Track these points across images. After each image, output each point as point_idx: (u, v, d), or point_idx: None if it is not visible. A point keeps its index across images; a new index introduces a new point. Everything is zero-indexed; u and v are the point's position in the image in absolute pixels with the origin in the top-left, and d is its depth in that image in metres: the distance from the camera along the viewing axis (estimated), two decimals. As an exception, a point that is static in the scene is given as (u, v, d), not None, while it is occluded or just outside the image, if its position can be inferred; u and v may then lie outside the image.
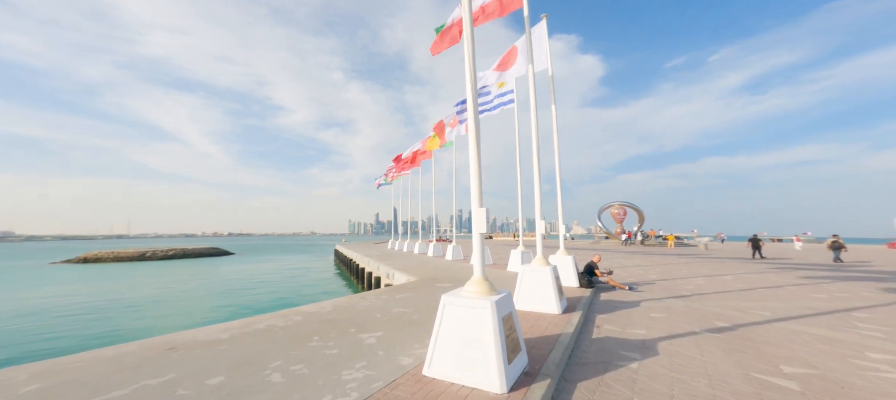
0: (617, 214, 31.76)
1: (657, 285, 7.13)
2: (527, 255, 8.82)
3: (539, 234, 5.50)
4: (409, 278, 8.10)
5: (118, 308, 12.29)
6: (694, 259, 14.47)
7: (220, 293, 15.42)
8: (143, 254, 34.80)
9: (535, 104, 5.82)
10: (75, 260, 32.22)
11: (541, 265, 4.85)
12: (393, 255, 17.23)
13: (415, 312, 4.54)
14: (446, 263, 11.62)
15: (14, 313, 11.45)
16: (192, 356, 2.86)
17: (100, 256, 33.29)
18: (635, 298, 5.74)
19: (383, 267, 11.46)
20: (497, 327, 2.42)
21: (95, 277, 21.58)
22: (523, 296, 4.72)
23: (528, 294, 4.68)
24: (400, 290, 6.26)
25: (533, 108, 5.86)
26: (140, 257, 34.11)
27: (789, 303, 5.48)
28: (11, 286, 18.03)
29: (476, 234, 2.99)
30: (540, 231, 5.52)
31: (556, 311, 4.47)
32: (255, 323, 3.95)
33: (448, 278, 7.74)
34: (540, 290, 4.60)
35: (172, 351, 2.95)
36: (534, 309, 4.58)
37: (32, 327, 9.65)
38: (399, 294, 5.81)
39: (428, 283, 7.12)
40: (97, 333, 9.02)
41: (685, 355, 3.18)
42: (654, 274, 8.99)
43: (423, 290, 6.27)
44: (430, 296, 5.67)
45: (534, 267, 4.84)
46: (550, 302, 4.51)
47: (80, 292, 15.85)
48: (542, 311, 4.54)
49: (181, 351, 2.97)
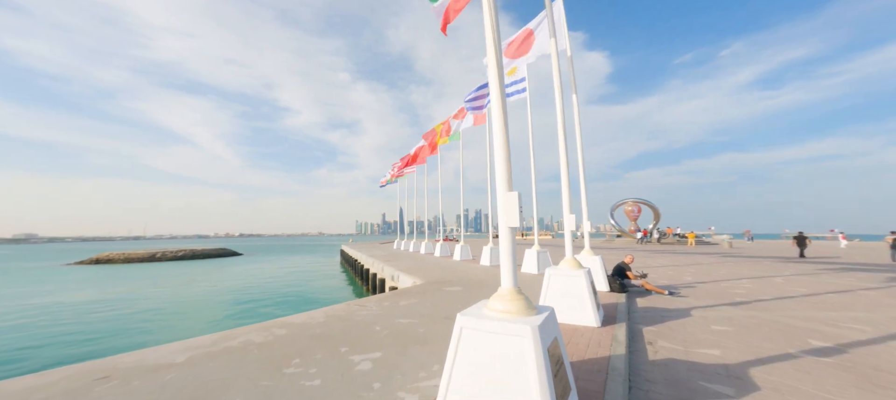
0: (631, 211, 30.43)
1: (699, 289, 6.20)
2: (543, 255, 7.98)
3: (568, 231, 4.66)
4: (416, 281, 7.36)
5: (107, 312, 11.91)
6: (724, 258, 13.32)
7: (219, 297, 14.96)
8: (154, 255, 35.08)
9: (560, 88, 4.98)
10: (88, 261, 32.63)
11: (572, 268, 4.03)
12: (399, 255, 16.54)
13: (421, 324, 3.78)
14: (454, 264, 10.84)
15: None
16: (124, 391, 2.16)
17: (111, 257, 33.67)
18: (680, 305, 4.85)
19: (388, 268, 10.75)
20: (542, 363, 1.62)
21: (101, 279, 21.56)
22: (551, 304, 3.92)
23: (559, 303, 3.85)
24: (405, 295, 5.52)
25: (558, 93, 5.01)
26: (150, 258, 34.38)
27: (884, 313, 4.50)
28: (11, 287, 18.05)
29: (505, 227, 2.15)
30: (570, 228, 4.66)
31: (593, 323, 3.64)
32: (228, 339, 3.25)
33: (457, 281, 6.97)
34: (574, 298, 3.77)
35: (103, 381, 2.26)
36: (566, 321, 3.75)
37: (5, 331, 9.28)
38: (404, 300, 5.07)
39: (436, 286, 6.35)
40: (70, 341, 8.55)
41: (801, 391, 2.31)
42: (689, 275, 8.01)
43: (431, 295, 5.52)
44: (439, 303, 4.90)
45: (565, 270, 4.01)
46: (587, 312, 3.68)
47: (78, 294, 15.65)
48: (576, 323, 3.71)
49: (114, 381, 2.27)
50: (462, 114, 12.40)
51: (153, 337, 8.80)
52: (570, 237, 4.57)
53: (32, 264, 33.15)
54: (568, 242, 4.50)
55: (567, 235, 4.63)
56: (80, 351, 7.66)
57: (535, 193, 8.33)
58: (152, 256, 34.77)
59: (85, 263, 32.19)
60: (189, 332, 9.12)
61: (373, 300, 5.06)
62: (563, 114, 4.81)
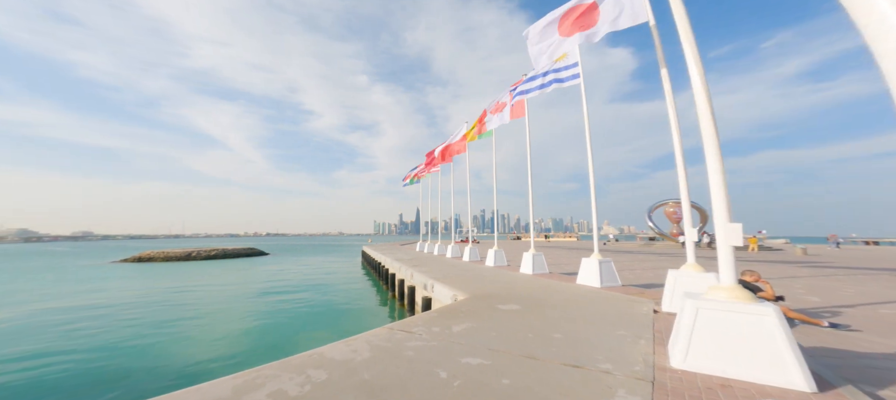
0: (672, 212, 27.90)
1: (864, 317, 4.79)
2: (606, 266, 6.79)
3: (725, 243, 2.69)
4: (456, 294, 6.44)
5: (142, 315, 11.99)
6: (821, 270, 11.34)
7: (249, 304, 14.85)
8: (189, 254, 36.82)
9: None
10: (131, 259, 34.77)
11: (738, 299, 2.47)
12: (424, 259, 15.77)
13: (499, 368, 2.85)
14: (491, 272, 9.85)
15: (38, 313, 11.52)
16: None
17: (152, 255, 35.69)
18: (873, 348, 3.53)
19: (418, 275, 9.95)
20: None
21: (142, 278, 22.57)
22: (703, 348, 2.53)
23: (720, 348, 2.45)
24: (454, 316, 4.62)
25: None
26: (186, 257, 36.09)
27: None
28: (63, 284, 19.18)
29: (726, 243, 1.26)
30: (730, 236, 2.66)
31: (802, 385, 2.20)
32: (253, 389, 2.49)
33: (506, 295, 5.98)
34: (753, 343, 2.34)
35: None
36: (737, 376, 2.38)
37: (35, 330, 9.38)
38: (456, 324, 4.17)
39: (485, 303, 5.41)
40: (97, 348, 8.42)
41: None
42: (815, 296, 6.41)
43: (486, 316, 4.58)
44: (503, 330, 3.96)
45: (726, 304, 2.49)
46: (787, 369, 2.23)
47: (120, 294, 16.20)
48: (758, 381, 2.34)
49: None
50: (499, 107, 11.40)
51: (179, 349, 8.52)
52: (728, 248, 2.61)
53: (84, 262, 35.84)
54: (724, 258, 2.62)
55: (721, 240, 2.61)
56: (103, 365, 7.45)
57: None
58: (188, 255, 36.49)
59: (129, 261, 34.30)
60: (216, 348, 8.76)
61: (419, 324, 4.21)
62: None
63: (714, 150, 2.35)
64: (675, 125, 4.24)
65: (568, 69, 8.01)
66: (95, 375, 6.61)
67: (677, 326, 2.67)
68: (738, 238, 2.46)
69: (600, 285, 6.53)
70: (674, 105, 4.31)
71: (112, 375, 6.61)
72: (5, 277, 23.46)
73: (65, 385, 6.21)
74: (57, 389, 6.06)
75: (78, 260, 38.35)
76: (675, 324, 2.71)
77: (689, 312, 2.55)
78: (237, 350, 8.05)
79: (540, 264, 9.34)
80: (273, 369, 2.80)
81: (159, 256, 35.42)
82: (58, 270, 26.97)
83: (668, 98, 4.11)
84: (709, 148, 2.49)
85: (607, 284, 6.58)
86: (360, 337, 3.69)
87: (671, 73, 4.44)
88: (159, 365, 7.12)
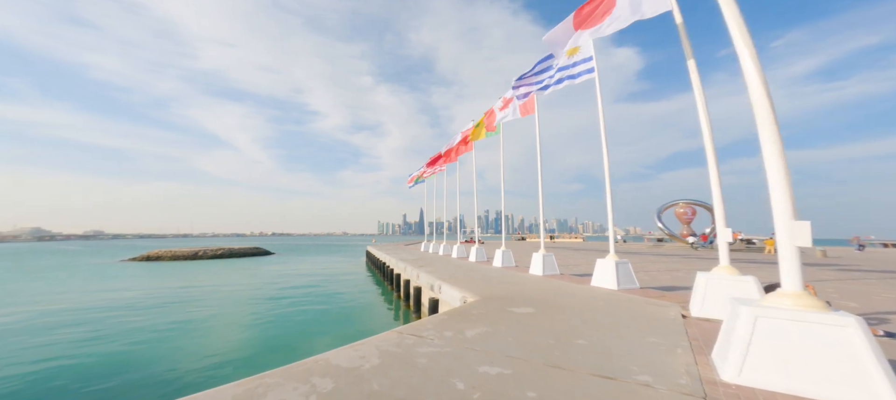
0: (683, 213, 27.27)
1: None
2: (624, 267, 6.49)
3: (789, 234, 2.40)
4: (466, 296, 6.21)
5: (146, 315, 11.98)
6: (848, 273, 10.86)
7: (254, 305, 14.81)
8: (196, 253, 37.14)
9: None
10: (140, 258, 35.19)
11: (808, 307, 2.19)
12: (429, 259, 15.56)
13: (519, 378, 2.61)
14: (500, 273, 9.59)
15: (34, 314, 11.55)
16: None
17: (160, 254, 36.08)
18: None
19: (424, 276, 9.74)
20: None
21: (150, 277, 22.74)
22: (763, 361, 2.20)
23: (785, 362, 2.15)
24: (466, 319, 4.39)
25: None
26: (193, 256, 36.41)
27: None
28: (74, 281, 19.38)
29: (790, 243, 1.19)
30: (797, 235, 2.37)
31: None
32: (257, 396, 2.29)
33: (518, 297, 5.72)
34: (828, 357, 2.02)
35: None
36: (807, 394, 2.09)
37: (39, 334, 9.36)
38: (469, 329, 3.94)
39: (497, 305, 5.17)
40: (95, 345, 8.35)
41: None
42: (851, 302, 6.03)
43: (500, 320, 4.34)
44: (520, 335, 3.71)
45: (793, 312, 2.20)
46: (872, 387, 1.92)
47: (127, 293, 16.28)
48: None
49: None
50: (506, 103, 11.15)
51: (182, 352, 8.43)
52: (793, 253, 2.33)
53: (95, 260, 36.38)
54: (790, 261, 2.35)
55: (787, 250, 2.34)
56: (101, 361, 7.37)
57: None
58: (195, 254, 36.81)
59: (137, 259, 34.72)
60: (220, 350, 8.64)
61: (430, 327, 3.98)
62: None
63: (774, 143, 2.07)
64: (706, 120, 3.95)
65: (580, 64, 7.72)
66: (91, 378, 6.51)
67: (727, 336, 2.39)
68: (806, 238, 2.18)
69: (617, 288, 6.24)
70: (703, 97, 4.01)
71: (110, 378, 6.51)
72: (20, 276, 23.87)
73: (57, 392, 6.12)
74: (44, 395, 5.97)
75: (89, 258, 38.97)
76: (724, 333, 2.44)
77: (746, 321, 2.26)
78: (241, 353, 7.92)
79: (550, 265, 9.06)
80: (276, 377, 2.60)
81: (167, 255, 35.79)
82: (69, 269, 27.36)
83: (696, 91, 3.82)
84: (768, 140, 2.22)
85: (625, 286, 6.28)
86: (368, 342, 3.48)
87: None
88: (160, 369, 7.01)
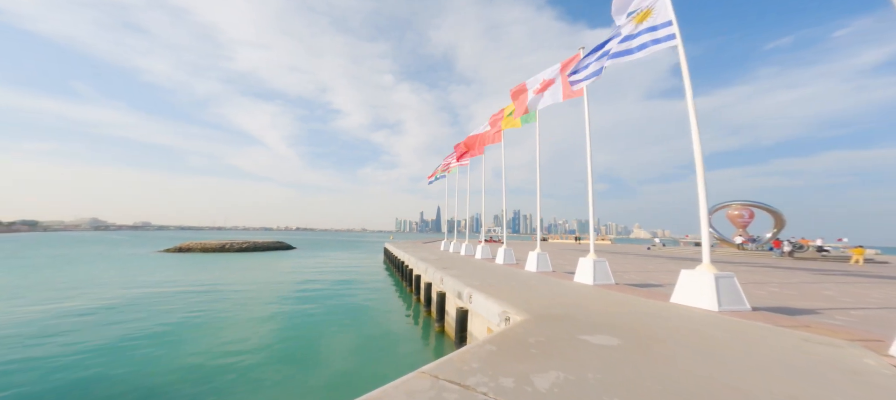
0: (738, 215, 24.08)
1: None
2: (727, 283, 4.82)
3: None
4: (508, 312, 4.86)
5: (163, 311, 11.66)
6: None
7: (270, 300, 14.28)
8: (223, 246, 38.42)
9: None
10: (173, 249, 36.89)
11: None
12: (451, 260, 14.30)
13: None
14: (538, 280, 8.14)
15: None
16: None
17: (191, 246, 37.66)
18: None
19: (449, 280, 8.48)
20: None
21: (180, 267, 23.33)
22: None
23: None
24: (525, 353, 3.06)
25: None
26: (221, 249, 37.68)
27: None
28: (100, 270, 20.09)
29: None
30: None
31: None
32: None
33: (587, 319, 4.29)
34: None
35: None
36: None
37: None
38: (539, 373, 2.60)
39: (558, 329, 3.79)
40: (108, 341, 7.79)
41: None
42: None
43: (573, 355, 2.97)
44: (624, 389, 2.33)
45: None
46: None
47: (156, 286, 16.40)
48: None
49: None
50: (545, 85, 9.61)
51: (191, 349, 7.72)
52: None
53: (134, 251, 38.62)
54: None
55: None
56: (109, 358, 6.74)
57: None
58: (222, 247, 38.08)
59: (171, 250, 36.40)
60: (231, 351, 7.85)
61: (477, 368, 2.69)
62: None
63: None
64: None
65: (658, 29, 6.04)
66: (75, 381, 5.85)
67: None
68: None
69: (718, 309, 4.62)
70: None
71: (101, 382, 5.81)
72: (61, 262, 25.43)
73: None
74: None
75: (129, 249, 41.54)
76: None
77: None
78: (252, 356, 7.09)
79: (603, 273, 7.49)
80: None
81: (197, 247, 37.28)
82: (109, 259, 28.94)
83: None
84: None
85: (728, 306, 4.65)
86: (400, 385, 2.26)
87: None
88: (168, 371, 6.27)
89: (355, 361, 7.14)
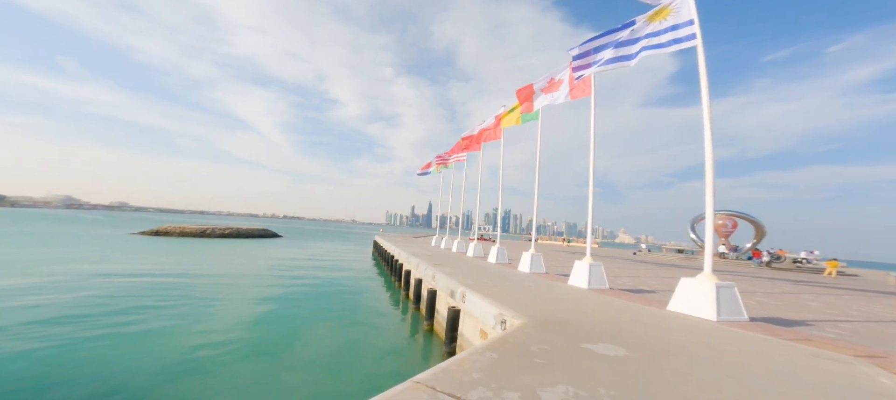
0: (722, 225, 24.80)
1: None
2: (727, 293, 4.71)
3: None
4: (504, 315, 4.61)
5: (126, 295, 10.92)
6: None
7: (251, 289, 13.64)
8: (204, 231, 36.87)
9: None
10: (149, 232, 35.15)
11: None
12: (443, 256, 14.03)
13: None
14: (533, 281, 7.96)
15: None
16: None
17: (169, 229, 35.95)
18: None
19: (442, 277, 8.19)
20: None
21: (152, 252, 22.14)
22: None
23: None
24: (529, 363, 2.79)
25: None
26: (201, 234, 36.13)
27: None
28: (68, 250, 18.79)
29: None
30: None
31: None
32: None
33: (589, 326, 4.08)
34: None
35: None
36: None
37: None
38: (546, 387, 2.34)
39: (561, 337, 3.56)
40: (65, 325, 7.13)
41: None
42: None
43: (579, 367, 2.73)
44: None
45: None
46: None
47: (118, 266, 15.45)
48: None
49: None
50: (555, 85, 9.36)
51: (160, 343, 7.15)
52: None
53: (105, 231, 36.61)
54: None
55: None
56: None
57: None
58: (203, 232, 36.54)
59: (146, 233, 34.67)
60: (204, 343, 7.32)
61: (478, 379, 2.41)
62: None
63: None
64: None
65: (681, 27, 5.80)
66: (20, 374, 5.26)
67: None
68: None
69: (717, 319, 4.50)
70: None
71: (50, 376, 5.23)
72: (26, 242, 23.75)
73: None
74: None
75: (101, 229, 39.36)
76: None
77: None
78: (226, 348, 6.59)
79: (598, 277, 7.36)
80: None
81: (175, 231, 35.64)
82: (64, 238, 27.20)
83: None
84: None
85: (727, 316, 4.53)
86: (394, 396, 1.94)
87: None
88: (126, 367, 5.72)
89: (338, 360, 6.70)
